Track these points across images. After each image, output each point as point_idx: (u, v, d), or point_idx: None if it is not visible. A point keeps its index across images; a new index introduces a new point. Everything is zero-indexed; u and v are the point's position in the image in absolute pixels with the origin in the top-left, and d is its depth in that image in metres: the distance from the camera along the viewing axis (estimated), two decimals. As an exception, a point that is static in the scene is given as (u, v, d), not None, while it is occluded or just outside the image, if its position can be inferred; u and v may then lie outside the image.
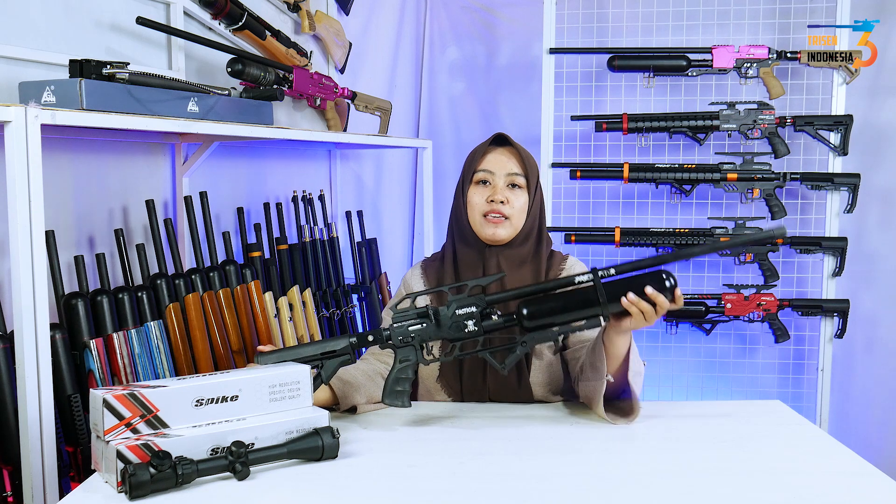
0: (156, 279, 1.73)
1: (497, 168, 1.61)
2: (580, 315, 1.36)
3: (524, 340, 1.38)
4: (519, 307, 1.37)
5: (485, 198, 1.60)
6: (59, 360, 1.44)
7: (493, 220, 1.59)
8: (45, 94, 1.45)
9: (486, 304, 1.39)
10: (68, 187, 1.70)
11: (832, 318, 2.78)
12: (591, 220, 2.98)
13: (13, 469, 1.34)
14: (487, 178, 1.62)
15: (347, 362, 1.40)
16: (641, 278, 1.34)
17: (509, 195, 1.60)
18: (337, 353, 1.39)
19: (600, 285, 1.34)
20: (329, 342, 1.40)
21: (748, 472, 1.20)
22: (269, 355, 1.38)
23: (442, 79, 3.26)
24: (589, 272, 1.36)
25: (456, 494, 1.12)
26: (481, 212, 1.60)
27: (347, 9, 2.97)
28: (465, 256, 1.63)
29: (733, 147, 2.86)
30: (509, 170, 1.61)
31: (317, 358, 1.39)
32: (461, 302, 1.39)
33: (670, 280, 1.34)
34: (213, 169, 2.18)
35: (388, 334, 1.41)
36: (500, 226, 1.59)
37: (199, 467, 1.11)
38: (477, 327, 1.38)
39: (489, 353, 1.40)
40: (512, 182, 1.61)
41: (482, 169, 1.62)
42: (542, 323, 1.37)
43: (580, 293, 1.36)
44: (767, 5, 2.88)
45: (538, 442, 1.34)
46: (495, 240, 1.60)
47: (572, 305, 1.36)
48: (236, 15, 2.08)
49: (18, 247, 1.25)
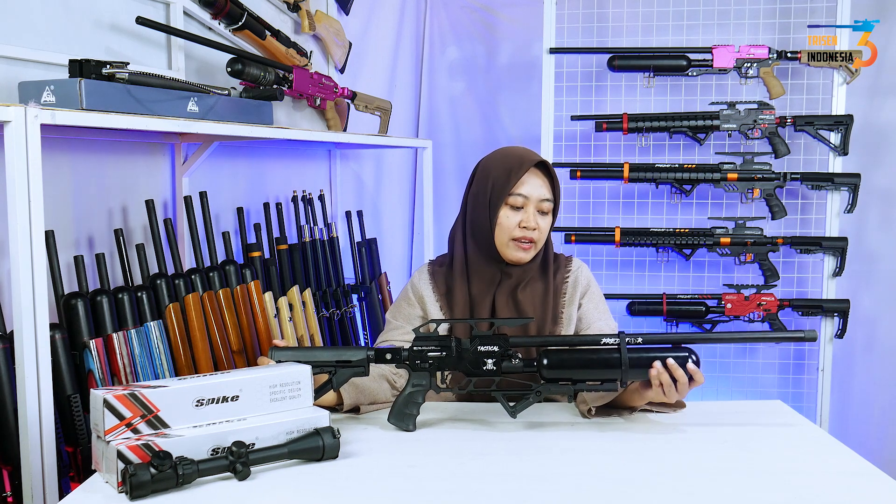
0: (155, 279, 1.73)
1: (533, 193, 1.59)
2: (599, 375, 1.36)
3: (539, 390, 1.37)
4: (540, 355, 1.38)
5: (517, 222, 1.59)
6: (58, 361, 1.44)
7: (524, 247, 1.59)
8: (44, 93, 1.44)
9: (509, 346, 1.39)
10: (68, 187, 1.70)
11: (832, 319, 2.78)
12: (592, 220, 2.98)
13: (13, 469, 1.34)
14: (523, 204, 1.59)
15: (360, 374, 1.40)
16: (666, 352, 1.35)
17: (540, 221, 1.60)
18: (352, 363, 1.39)
19: (625, 350, 1.34)
20: (346, 351, 1.40)
21: (748, 472, 1.20)
22: (284, 351, 1.38)
23: (442, 79, 3.26)
24: (616, 336, 1.36)
25: (456, 495, 1.12)
26: (511, 236, 1.59)
27: (347, 9, 2.96)
28: (481, 271, 1.62)
29: (733, 147, 2.86)
30: (542, 196, 1.60)
31: (331, 364, 1.39)
32: (485, 339, 1.39)
33: (693, 357, 1.35)
34: (212, 169, 2.18)
35: (407, 355, 1.40)
36: (528, 251, 1.60)
37: (200, 467, 1.11)
38: (496, 367, 1.38)
39: (502, 394, 1.39)
40: (542, 209, 1.60)
41: (519, 193, 1.59)
42: (560, 375, 1.37)
43: (603, 353, 1.36)
44: (767, 5, 2.88)
45: (538, 442, 1.33)
46: (521, 262, 1.61)
47: (593, 364, 1.36)
48: (236, 15, 2.07)
49: (18, 247, 1.25)
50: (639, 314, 2.82)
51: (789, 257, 2.88)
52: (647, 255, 2.96)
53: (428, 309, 1.64)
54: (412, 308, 1.66)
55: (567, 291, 1.64)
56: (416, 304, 1.66)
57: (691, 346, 1.38)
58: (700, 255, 2.88)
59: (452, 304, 1.62)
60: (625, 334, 1.36)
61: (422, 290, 1.66)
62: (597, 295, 1.67)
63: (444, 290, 1.65)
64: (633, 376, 1.36)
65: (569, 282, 1.65)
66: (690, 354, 1.36)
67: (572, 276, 1.66)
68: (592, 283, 1.68)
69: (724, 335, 1.45)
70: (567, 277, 1.66)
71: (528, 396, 1.38)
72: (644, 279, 2.98)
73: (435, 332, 1.43)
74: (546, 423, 1.41)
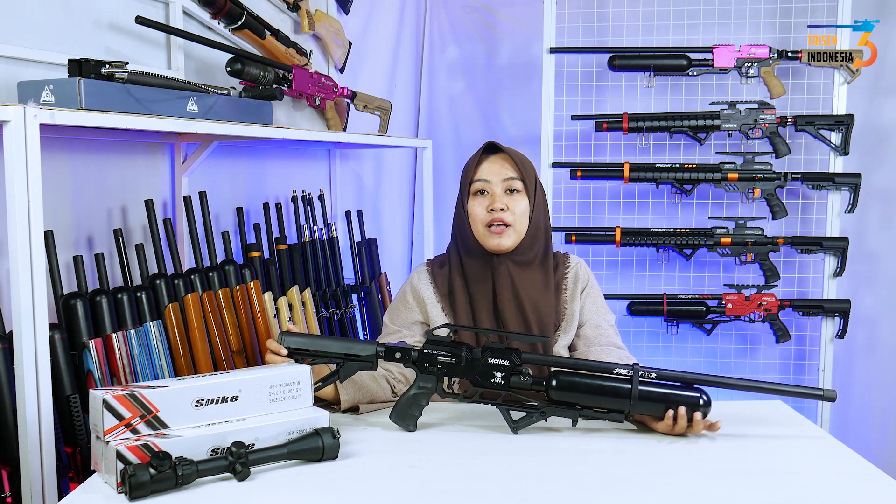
0: (155, 279, 1.72)
1: (492, 175, 1.60)
2: (606, 404, 1.35)
3: (543, 410, 1.36)
4: (550, 375, 1.36)
5: (485, 207, 1.59)
6: (57, 361, 1.44)
7: (496, 231, 1.58)
8: (43, 93, 1.44)
9: (520, 363, 1.38)
10: (67, 187, 1.69)
11: (833, 319, 2.78)
12: (592, 220, 2.97)
13: (12, 470, 1.33)
14: (485, 188, 1.60)
15: (368, 369, 1.40)
16: (677, 390, 1.34)
17: (508, 201, 1.59)
18: (361, 358, 1.38)
19: (637, 384, 1.33)
20: (355, 344, 1.39)
21: (749, 472, 1.19)
22: (294, 337, 1.37)
23: (442, 78, 3.26)
24: (630, 367, 1.35)
25: (456, 495, 1.12)
26: (483, 222, 1.59)
27: (347, 8, 2.96)
28: (473, 269, 1.62)
29: (734, 147, 2.86)
30: (504, 175, 1.60)
31: (339, 356, 1.38)
32: (496, 352, 1.38)
33: (704, 398, 1.34)
34: (212, 169, 2.18)
35: (416, 356, 1.39)
36: (504, 235, 1.58)
37: (199, 468, 1.11)
38: (504, 381, 1.37)
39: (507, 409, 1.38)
40: (509, 187, 1.60)
41: (478, 179, 1.61)
42: (567, 398, 1.36)
43: (614, 383, 1.34)
44: (768, 5, 2.87)
45: (538, 442, 1.33)
46: (500, 249, 1.59)
47: (602, 391, 1.34)
48: (236, 14, 2.07)
49: (17, 247, 1.24)
50: (639, 314, 2.82)
51: (790, 257, 2.88)
52: (647, 255, 2.96)
53: (429, 311, 1.63)
54: (410, 312, 1.65)
55: (568, 287, 1.64)
56: (414, 307, 1.65)
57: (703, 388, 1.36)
58: (701, 255, 2.88)
59: (455, 304, 1.62)
60: (639, 367, 1.35)
61: (422, 292, 1.65)
62: (596, 290, 1.68)
63: (445, 291, 1.64)
64: (640, 410, 1.34)
65: (569, 277, 1.65)
66: (701, 396, 1.34)
67: (572, 271, 1.66)
68: (591, 278, 1.69)
69: (740, 382, 1.39)
70: (567, 273, 1.66)
71: (533, 415, 1.37)
72: (644, 279, 2.98)
73: (447, 337, 1.41)
74: (546, 424, 1.41)
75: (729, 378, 1.38)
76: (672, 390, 1.34)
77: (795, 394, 1.38)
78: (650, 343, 2.94)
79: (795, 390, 1.38)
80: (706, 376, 1.37)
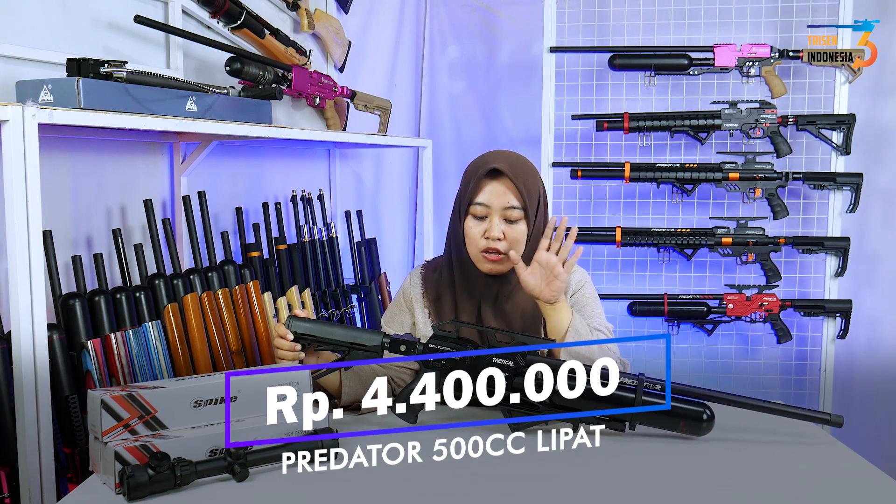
0: (154, 279, 1.72)
1: (493, 201, 1.53)
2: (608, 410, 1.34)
3: (543, 412, 1.35)
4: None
5: (481, 233, 1.53)
6: (56, 361, 1.43)
7: (490, 258, 1.53)
8: (42, 92, 1.44)
9: (524, 364, 1.36)
10: (66, 187, 1.69)
11: (834, 319, 2.77)
12: (592, 220, 2.97)
13: (10, 470, 1.33)
14: (484, 213, 1.54)
15: (373, 359, 1.40)
16: (681, 403, 1.34)
17: (506, 229, 1.53)
18: (367, 348, 1.38)
19: (640, 392, 1.33)
20: (362, 333, 1.39)
21: (749, 473, 1.19)
22: (301, 322, 1.37)
23: (442, 78, 3.25)
24: (636, 377, 1.34)
25: (456, 495, 1.11)
26: (479, 248, 1.54)
27: (347, 7, 2.96)
28: (465, 282, 1.58)
29: (735, 146, 2.85)
30: (505, 204, 1.52)
31: (345, 345, 1.38)
32: (502, 353, 1.37)
33: (707, 412, 1.34)
34: (211, 168, 2.17)
35: (422, 350, 1.39)
36: (499, 262, 1.54)
37: (198, 469, 1.10)
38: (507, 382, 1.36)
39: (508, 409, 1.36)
40: (509, 217, 1.53)
41: (478, 202, 1.54)
42: (568, 403, 1.33)
43: (618, 391, 1.32)
44: (769, 4, 2.87)
45: (538, 442, 1.32)
46: (495, 273, 1.56)
47: (605, 398, 1.32)
48: (235, 13, 2.07)
49: (16, 247, 1.24)
50: (640, 315, 2.81)
51: (791, 257, 2.87)
52: (648, 256, 2.95)
53: (416, 315, 1.62)
54: (403, 314, 1.65)
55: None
56: (405, 309, 1.65)
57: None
58: (701, 255, 2.87)
59: (440, 312, 1.60)
60: (644, 377, 1.34)
61: (412, 295, 1.64)
62: (588, 294, 1.62)
63: (433, 296, 1.62)
64: (644, 420, 1.34)
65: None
66: (705, 409, 1.34)
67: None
68: (587, 283, 1.63)
69: (746, 401, 1.38)
70: None
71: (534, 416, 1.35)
72: (645, 279, 2.97)
73: (454, 333, 1.40)
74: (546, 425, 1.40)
75: (735, 396, 1.37)
76: (677, 401, 1.33)
77: (801, 416, 1.36)
78: (651, 343, 2.93)
79: (802, 413, 1.36)
80: (712, 392, 1.36)
